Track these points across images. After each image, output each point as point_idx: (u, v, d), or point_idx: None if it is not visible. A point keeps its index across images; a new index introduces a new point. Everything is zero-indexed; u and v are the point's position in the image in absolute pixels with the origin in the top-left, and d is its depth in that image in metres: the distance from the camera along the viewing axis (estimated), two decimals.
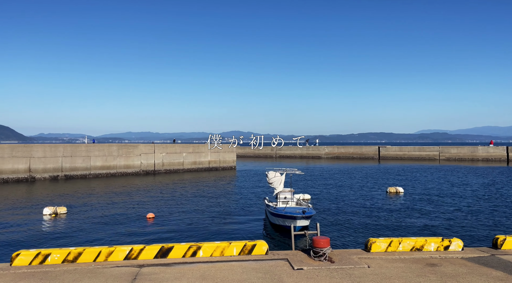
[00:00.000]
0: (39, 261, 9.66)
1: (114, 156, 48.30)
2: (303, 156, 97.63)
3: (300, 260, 10.03)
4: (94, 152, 46.79)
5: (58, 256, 9.75)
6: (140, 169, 50.45)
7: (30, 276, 8.85)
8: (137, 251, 10.19)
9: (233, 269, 9.35)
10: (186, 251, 10.33)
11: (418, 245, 11.16)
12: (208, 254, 10.39)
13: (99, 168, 46.80)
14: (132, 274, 8.99)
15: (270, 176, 21.93)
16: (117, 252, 10.09)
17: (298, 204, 21.63)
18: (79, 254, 9.89)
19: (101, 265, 9.68)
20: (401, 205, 26.64)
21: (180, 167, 54.25)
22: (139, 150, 50.83)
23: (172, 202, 27.62)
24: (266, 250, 10.65)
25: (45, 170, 42.77)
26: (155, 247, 10.41)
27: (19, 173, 41.09)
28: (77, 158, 45.25)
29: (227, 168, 58.84)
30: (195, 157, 56.09)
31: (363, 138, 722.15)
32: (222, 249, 10.47)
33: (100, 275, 8.96)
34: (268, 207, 21.20)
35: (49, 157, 43.21)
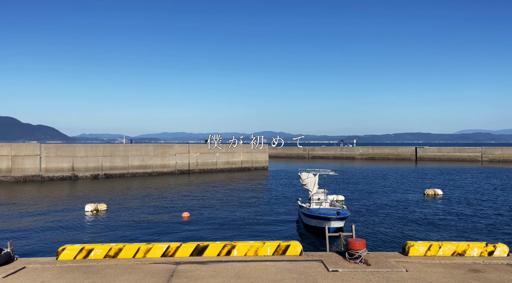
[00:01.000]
0: (82, 256, 10.14)
1: (151, 155, 49.78)
2: (336, 157, 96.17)
3: (335, 262, 9.90)
4: (132, 151, 48.45)
5: (100, 251, 10.19)
6: (175, 168, 51.67)
7: (75, 270, 9.31)
8: (174, 248, 10.46)
9: (267, 269, 9.39)
10: (221, 249, 10.49)
11: (460, 249, 10.70)
12: (242, 253, 10.49)
13: (136, 167, 48.42)
14: (169, 271, 9.24)
15: (303, 177, 21.78)
16: (154, 249, 10.40)
17: (331, 205, 21.35)
18: (119, 250, 10.29)
19: (140, 261, 10.02)
20: (439, 207, 25.63)
21: (214, 166, 55.04)
22: (174, 150, 52.09)
23: (206, 201, 28.08)
24: (300, 251, 10.60)
25: (86, 168, 44.81)
26: (191, 245, 10.63)
27: (63, 171, 43.31)
28: (116, 158, 47.06)
29: (259, 168, 59.04)
30: (228, 157, 56.71)
31: (399, 139, 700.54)
32: (256, 249, 10.53)
33: (139, 270, 9.27)
34: (301, 208, 21.07)
35: (90, 157, 45.23)
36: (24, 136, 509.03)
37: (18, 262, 9.85)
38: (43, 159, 42.29)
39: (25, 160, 41.41)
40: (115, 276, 8.82)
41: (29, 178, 41.30)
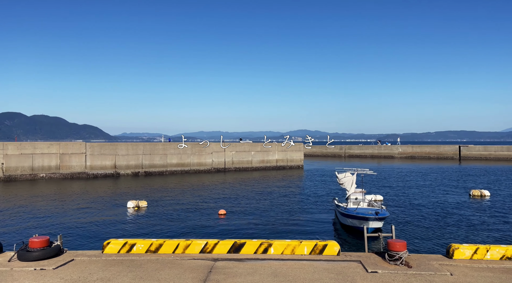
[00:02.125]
0: (126, 250, 10.58)
1: (188, 154, 50.95)
2: (374, 155, 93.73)
3: (374, 263, 9.68)
4: (170, 150, 49.83)
5: (142, 246, 10.58)
6: (212, 166, 52.55)
7: (119, 263, 9.73)
8: (212, 245, 10.65)
9: (304, 268, 9.34)
10: (258, 247, 10.55)
11: (509, 253, 10.10)
12: (279, 251, 10.50)
13: (174, 165, 49.75)
14: (207, 267, 9.43)
15: (340, 176, 21.43)
16: (193, 245, 10.65)
17: (370, 205, 20.86)
18: (160, 245, 10.63)
19: (179, 256, 10.30)
20: (486, 209, 24.30)
21: (249, 165, 55.42)
22: (211, 149, 52.98)
23: (241, 199, 28.36)
24: (337, 250, 10.45)
25: (128, 166, 46.63)
26: (228, 242, 10.79)
27: (106, 169, 45.33)
28: (155, 156, 48.60)
29: (295, 166, 58.74)
30: (263, 155, 56.88)
31: (441, 137, 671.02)
32: (293, 248, 10.50)
33: (179, 266, 9.54)
34: (338, 207, 20.76)
35: (131, 155, 47.02)
36: (71, 135, 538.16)
37: (67, 254, 10.43)
38: (88, 157, 44.49)
39: (72, 157, 43.75)
40: (156, 271, 9.12)
41: (75, 175, 43.59)
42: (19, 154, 41.39)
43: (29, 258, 9.63)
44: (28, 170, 41.64)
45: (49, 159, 42.68)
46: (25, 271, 9.09)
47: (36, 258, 9.65)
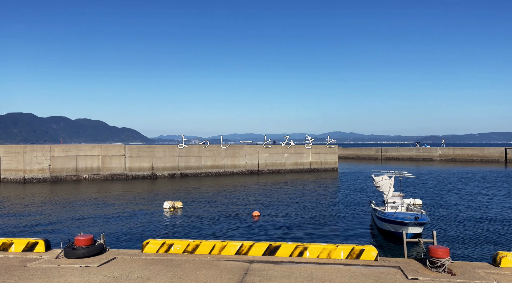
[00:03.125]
0: (164, 250, 10.88)
1: (222, 156, 51.62)
2: (412, 158, 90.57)
3: (414, 269, 9.35)
4: (205, 152, 50.71)
5: (179, 247, 10.84)
6: (245, 168, 52.91)
7: (158, 262, 10.02)
8: (247, 247, 10.72)
9: (341, 272, 9.19)
10: (293, 250, 10.51)
11: None
12: (314, 255, 10.40)
13: (209, 167, 50.57)
14: (243, 269, 9.50)
15: (377, 179, 20.91)
16: (229, 246, 10.77)
17: (408, 209, 20.18)
18: (196, 246, 10.84)
19: (215, 257, 10.45)
20: None
21: (282, 167, 55.28)
22: (244, 151, 53.37)
23: (275, 202, 28.33)
24: (375, 255, 10.20)
25: (164, 168, 47.94)
26: (263, 244, 10.81)
27: (144, 170, 46.85)
28: (191, 158, 49.64)
29: (329, 169, 57.92)
30: (296, 157, 56.56)
31: (485, 139, 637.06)
32: (329, 251, 10.36)
33: (215, 267, 9.68)
34: (375, 211, 20.25)
35: (168, 157, 48.31)
36: (111, 138, 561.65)
37: (110, 253, 10.87)
38: (127, 158, 46.18)
39: (112, 159, 45.59)
40: (194, 271, 9.31)
41: (115, 176, 45.37)
42: (65, 156, 43.67)
43: (74, 255, 10.12)
44: (73, 171, 43.83)
45: (92, 160, 44.72)
46: (71, 267, 9.56)
47: (81, 255, 10.12)
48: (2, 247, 10.88)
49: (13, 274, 8.96)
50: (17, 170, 42.28)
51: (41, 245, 10.93)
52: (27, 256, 10.53)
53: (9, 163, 42.28)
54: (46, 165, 42.82)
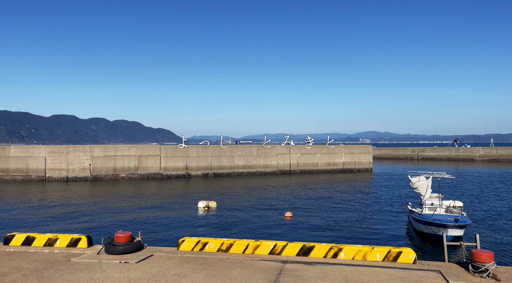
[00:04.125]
0: (199, 248, 11.08)
1: (254, 156, 51.85)
2: (451, 158, 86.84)
3: (456, 274, 8.97)
4: (237, 152, 51.15)
5: (214, 245, 11.00)
6: (277, 168, 52.85)
7: (193, 260, 10.22)
8: (281, 247, 10.71)
9: (377, 275, 8.98)
10: (327, 251, 10.38)
11: None
12: (349, 256, 10.22)
13: (241, 167, 50.96)
14: (277, 269, 9.50)
15: (414, 180, 20.25)
16: (262, 246, 10.80)
17: (448, 211, 19.39)
18: (230, 245, 10.96)
19: (249, 257, 10.52)
20: None
21: (314, 167, 54.73)
22: (276, 151, 53.31)
23: (307, 202, 28.11)
24: (413, 258, 9.88)
25: (198, 168, 48.83)
26: (297, 244, 10.76)
27: (178, 170, 47.93)
28: (223, 158, 50.24)
29: (363, 169, 56.70)
30: (329, 157, 55.81)
31: None
32: (364, 253, 10.15)
33: (249, 266, 9.74)
34: (412, 213, 19.63)
35: (201, 157, 49.16)
36: (147, 139, 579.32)
37: (147, 250, 11.21)
38: (162, 158, 47.44)
39: (148, 159, 47.00)
40: (228, 269, 9.42)
41: (151, 175, 46.72)
42: (104, 156, 45.50)
43: (114, 252, 10.52)
44: (111, 170, 45.59)
45: (129, 160, 46.30)
46: (112, 263, 9.95)
47: (121, 252, 10.51)
48: (48, 242, 11.49)
49: (58, 268, 9.44)
50: (61, 169, 44.52)
51: (83, 241, 11.45)
52: (71, 251, 11.06)
53: (54, 163, 44.61)
54: (87, 165, 44.81)
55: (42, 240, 11.51)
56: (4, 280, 8.56)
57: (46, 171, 44.55)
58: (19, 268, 9.39)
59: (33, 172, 44.67)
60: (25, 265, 9.65)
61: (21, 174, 44.79)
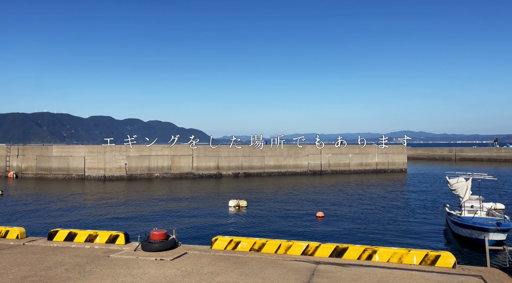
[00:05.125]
0: (231, 247, 11.21)
1: (284, 156, 51.71)
2: (492, 159, 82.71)
3: (499, 279, 8.57)
4: (267, 152, 51.20)
5: (246, 245, 11.10)
6: (308, 168, 52.44)
7: (226, 259, 10.36)
8: (313, 248, 10.65)
9: (414, 279, 8.73)
10: (361, 253, 10.21)
11: None
12: (384, 259, 10.00)
13: (271, 167, 50.97)
14: (310, 269, 9.45)
15: (452, 182, 19.49)
16: (295, 246, 10.78)
17: (489, 214, 18.52)
18: (262, 245, 11.02)
19: (281, 257, 10.53)
20: None
21: (346, 168, 53.85)
22: (307, 151, 52.92)
23: (339, 203, 27.71)
24: (453, 263, 9.53)
25: (229, 167, 49.33)
26: (329, 245, 10.66)
27: (210, 169, 48.64)
28: (254, 158, 50.45)
29: (397, 170, 55.15)
30: (361, 158, 54.73)
31: None
32: (400, 256, 9.90)
33: (282, 266, 9.75)
34: (450, 216, 18.90)
35: (232, 157, 49.62)
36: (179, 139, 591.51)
37: (181, 247, 11.48)
38: (194, 158, 48.32)
39: (181, 159, 48.02)
40: (260, 269, 9.47)
41: (184, 175, 47.70)
42: (139, 156, 46.95)
43: (150, 249, 10.85)
44: (146, 170, 46.95)
45: (162, 160, 47.50)
46: (148, 260, 10.27)
47: (156, 249, 10.82)
48: (89, 238, 12.02)
49: (98, 264, 9.86)
50: (99, 168, 46.36)
51: (121, 237, 11.88)
52: (110, 247, 11.51)
53: (92, 162, 46.52)
54: (123, 164, 46.39)
55: (83, 236, 12.06)
56: (49, 273, 9.04)
57: (85, 170, 46.54)
58: (62, 263, 9.88)
59: (73, 171, 46.80)
60: (67, 260, 10.14)
61: (63, 172, 47.05)
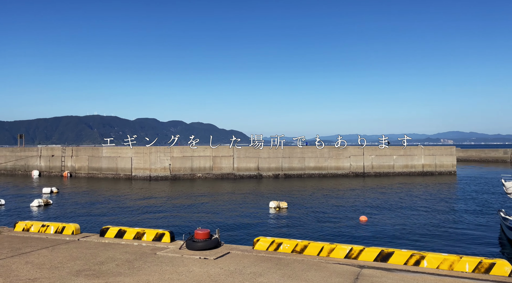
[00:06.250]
0: (273, 248, 11.23)
1: (325, 157, 50.98)
2: None
3: None
4: (308, 153, 50.75)
5: (288, 246, 11.07)
6: (350, 170, 51.32)
7: (268, 260, 10.40)
8: (357, 251, 10.41)
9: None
10: (408, 258, 9.83)
11: None
12: (433, 265, 9.57)
13: (311, 169, 50.45)
14: (353, 273, 9.25)
15: (509, 185, 18.30)
16: (337, 249, 10.60)
17: None
18: (305, 247, 10.94)
19: (324, 259, 10.39)
20: None
21: (390, 170, 52.09)
22: (348, 152, 51.82)
23: (383, 206, 26.86)
24: (509, 271, 8.92)
25: (269, 168, 49.46)
26: (374, 249, 10.37)
27: (250, 170, 49.05)
28: (294, 159, 50.22)
29: (445, 172, 52.54)
30: (406, 160, 52.70)
31: None
32: (451, 263, 9.42)
33: (324, 269, 9.63)
34: (505, 221, 17.73)
35: (272, 158, 49.71)
36: (220, 140, 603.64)
37: (224, 247, 11.67)
38: (235, 159, 48.96)
39: (222, 160, 48.86)
40: (303, 271, 9.41)
41: (225, 175, 48.47)
42: (182, 156, 48.36)
43: (195, 248, 11.12)
44: (189, 170, 48.26)
45: (204, 161, 48.59)
46: (192, 258, 10.54)
47: (200, 248, 11.08)
48: (137, 235, 12.56)
49: (146, 260, 10.28)
50: (145, 169, 48.31)
51: (167, 236, 12.30)
52: (156, 245, 11.95)
53: (138, 162, 48.57)
54: (167, 164, 48.00)
55: (132, 234, 12.62)
56: (101, 268, 9.55)
57: (132, 170, 48.67)
58: (113, 258, 10.40)
59: (121, 171, 49.11)
60: (118, 256, 10.66)
61: (111, 172, 49.52)
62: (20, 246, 11.28)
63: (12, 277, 8.52)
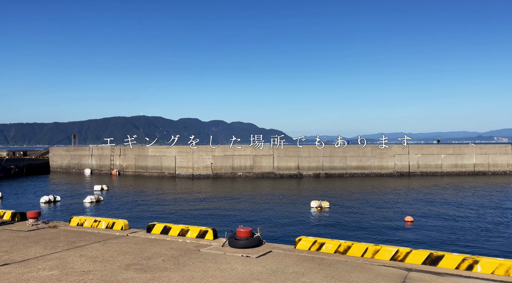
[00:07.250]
0: (315, 248, 11.11)
1: (368, 156, 49.61)
2: None
3: None
4: (349, 152, 49.65)
5: (331, 246, 10.90)
6: (394, 170, 49.59)
7: (310, 260, 10.30)
8: (404, 253, 10.04)
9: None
10: (460, 262, 9.33)
11: None
12: (488, 271, 9.01)
13: (354, 168, 49.30)
14: (400, 276, 8.93)
15: None
16: (383, 251, 10.28)
17: None
18: (348, 247, 10.71)
19: (368, 261, 10.12)
20: None
21: (438, 169, 49.71)
22: (393, 151, 50.08)
23: (430, 207, 25.68)
24: None
25: (309, 168, 48.97)
26: (422, 252, 9.94)
27: (290, 169, 48.85)
28: (335, 158, 49.34)
29: (499, 172, 49.27)
30: (456, 159, 50.02)
31: None
32: (508, 268, 8.82)
33: (369, 271, 9.37)
34: None
35: (313, 157, 49.17)
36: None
37: (266, 246, 11.71)
38: (275, 158, 48.97)
39: (262, 159, 49.06)
40: (347, 272, 9.22)
41: (265, 174, 48.64)
42: (223, 155, 49.15)
43: (237, 245, 11.26)
44: (230, 169, 48.95)
45: (245, 160, 49.05)
46: (235, 256, 10.68)
47: (242, 246, 11.20)
48: (181, 232, 12.93)
49: (190, 257, 10.55)
50: (188, 167, 49.65)
51: (210, 233, 12.55)
52: (200, 242, 12.23)
53: (182, 161, 50.00)
54: (209, 163, 49.01)
55: (177, 230, 13.02)
56: (149, 263, 9.94)
57: (176, 168, 50.18)
58: (160, 254, 10.78)
59: (165, 169, 50.81)
60: (164, 251, 11.04)
61: (156, 171, 51.38)
62: (75, 240, 12.00)
63: (68, 269, 9.08)
